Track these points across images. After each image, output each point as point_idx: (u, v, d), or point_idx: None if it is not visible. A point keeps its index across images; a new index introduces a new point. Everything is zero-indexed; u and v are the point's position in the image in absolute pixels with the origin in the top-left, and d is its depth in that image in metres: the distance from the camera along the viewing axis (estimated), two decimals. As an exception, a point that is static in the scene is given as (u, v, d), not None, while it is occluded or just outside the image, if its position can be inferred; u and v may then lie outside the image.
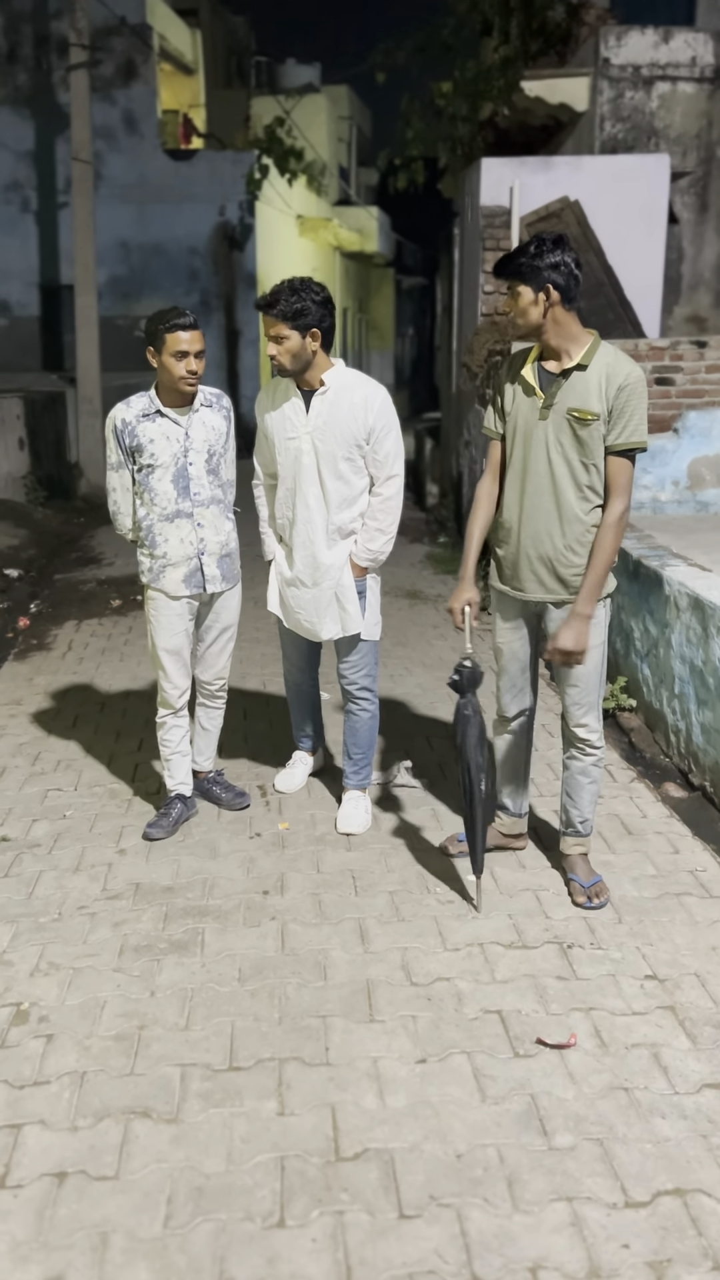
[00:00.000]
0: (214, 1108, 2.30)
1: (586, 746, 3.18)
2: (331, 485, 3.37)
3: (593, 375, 2.87)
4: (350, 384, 3.34)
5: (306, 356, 3.25)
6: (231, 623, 3.70)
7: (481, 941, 2.95)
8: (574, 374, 2.88)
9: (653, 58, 10.22)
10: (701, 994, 2.71)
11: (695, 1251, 1.94)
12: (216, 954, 2.88)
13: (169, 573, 3.47)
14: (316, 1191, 2.07)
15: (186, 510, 3.44)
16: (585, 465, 2.93)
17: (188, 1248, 1.95)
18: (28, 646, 6.10)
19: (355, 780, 3.75)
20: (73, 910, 3.14)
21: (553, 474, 2.95)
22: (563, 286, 2.83)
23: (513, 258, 2.87)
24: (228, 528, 3.57)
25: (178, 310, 3.27)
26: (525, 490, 3.01)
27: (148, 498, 3.44)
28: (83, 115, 11.77)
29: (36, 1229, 1.99)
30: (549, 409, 2.92)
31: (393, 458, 3.38)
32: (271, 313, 3.20)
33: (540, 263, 2.81)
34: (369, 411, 3.31)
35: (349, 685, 3.66)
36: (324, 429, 3.31)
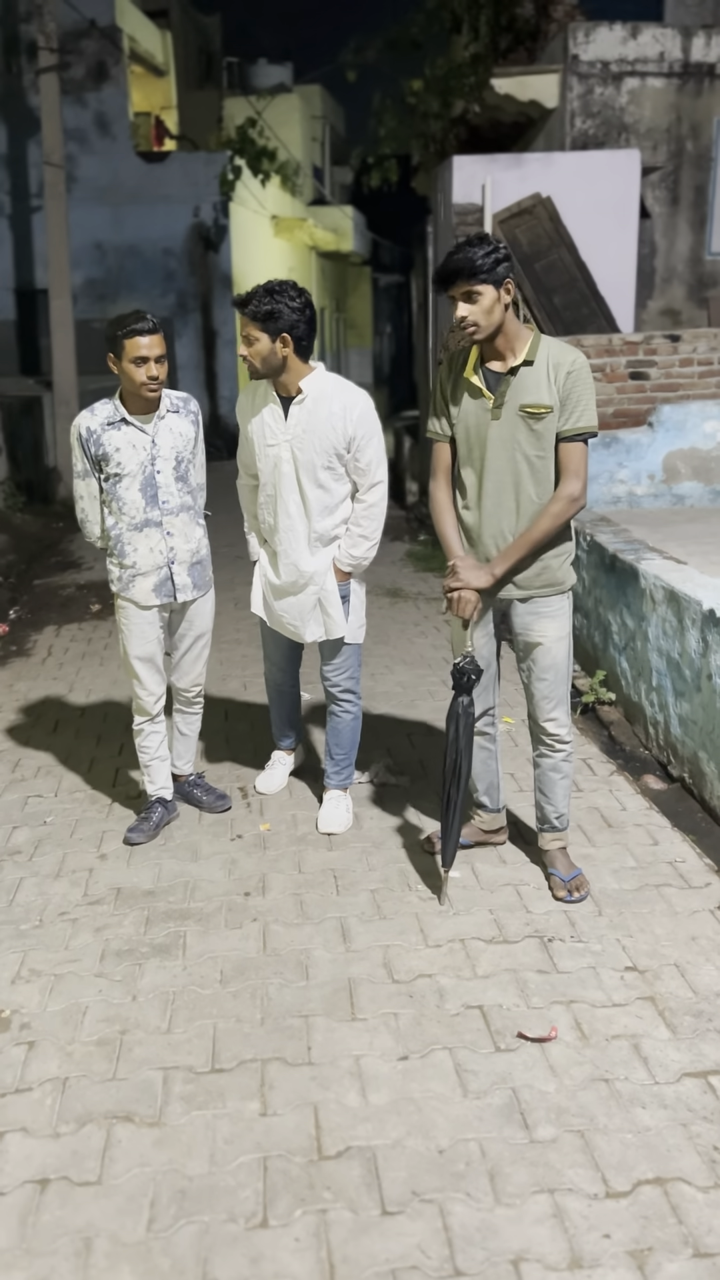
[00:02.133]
0: (196, 1110, 2.30)
1: (556, 742, 3.19)
2: (312, 494, 3.33)
3: (539, 369, 2.87)
4: (329, 392, 3.27)
5: (276, 361, 3.19)
6: (205, 629, 3.67)
7: (463, 937, 2.96)
8: (521, 370, 2.87)
9: (621, 53, 10.26)
10: (681, 984, 2.73)
11: (676, 1239, 1.96)
12: (198, 956, 2.89)
13: (139, 582, 3.43)
14: (299, 1190, 2.07)
15: (155, 519, 3.39)
16: (541, 459, 2.94)
17: (171, 1250, 1.95)
18: (7, 653, 6.07)
19: (337, 780, 3.75)
20: (54, 916, 3.13)
21: (511, 470, 2.95)
22: (513, 280, 2.82)
23: (469, 260, 2.75)
24: (198, 534, 3.52)
25: (137, 314, 3.20)
26: (484, 490, 3.00)
27: (116, 506, 3.37)
28: (54, 119, 11.72)
29: (19, 1236, 1.99)
30: (500, 408, 2.91)
31: (375, 465, 3.34)
32: (244, 311, 3.16)
33: (493, 261, 2.76)
34: (348, 420, 3.26)
35: (332, 687, 3.64)
36: (303, 438, 3.26)
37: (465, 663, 3.05)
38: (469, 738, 3.07)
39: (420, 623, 6.39)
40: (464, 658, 3.07)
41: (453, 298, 2.83)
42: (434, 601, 6.87)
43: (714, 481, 6.84)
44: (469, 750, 3.08)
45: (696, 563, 4.59)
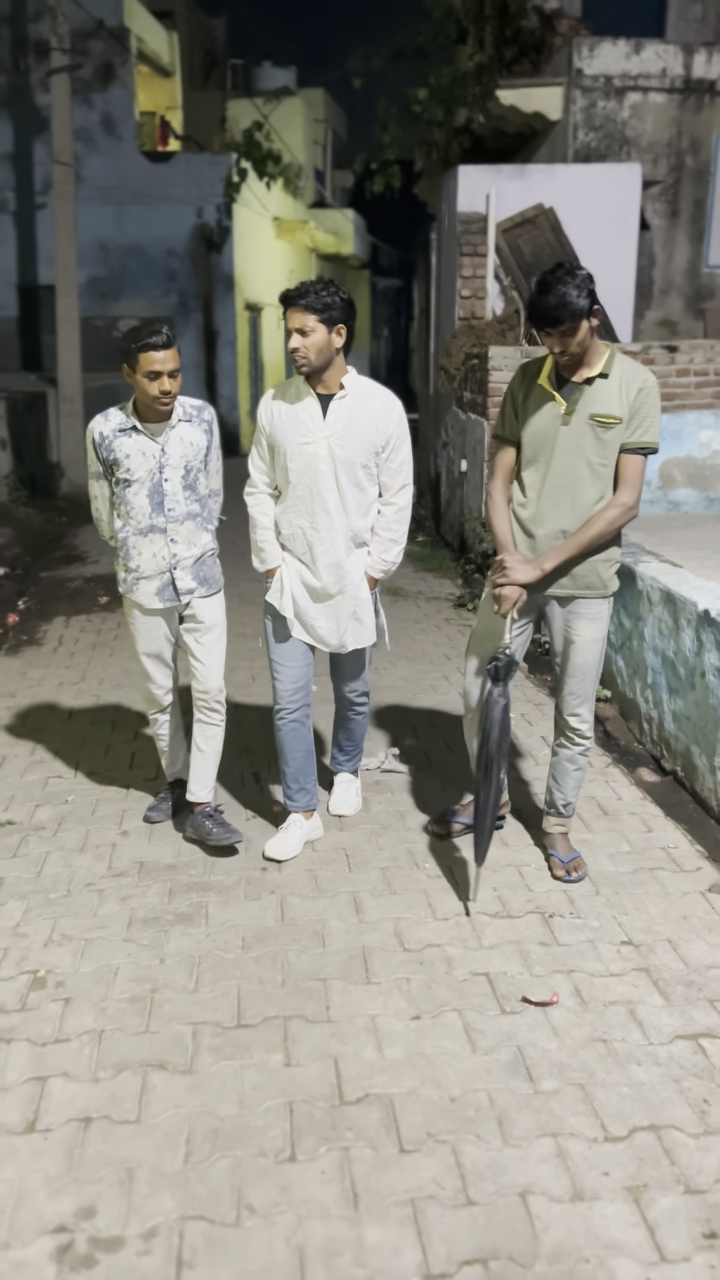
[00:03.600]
0: (225, 1060, 2.48)
1: (577, 736, 3.34)
2: (349, 492, 3.30)
3: (613, 382, 3.00)
4: (369, 391, 3.30)
5: (330, 353, 3.16)
6: (216, 624, 3.58)
7: (469, 913, 3.14)
8: (596, 381, 3.01)
9: (624, 68, 10.48)
10: (674, 957, 2.92)
11: (668, 1178, 2.14)
12: (220, 924, 3.06)
13: (142, 585, 3.46)
14: (323, 1131, 2.25)
15: (160, 526, 3.40)
16: (604, 466, 3.07)
17: (208, 1180, 2.13)
18: (18, 642, 6.23)
19: (347, 765, 3.87)
20: (80, 887, 3.31)
21: (574, 474, 3.07)
22: (598, 306, 2.92)
23: (564, 303, 2.85)
24: (204, 540, 3.49)
25: (151, 327, 3.19)
26: (545, 489, 3.13)
27: (123, 510, 3.40)
28: (64, 119, 11.86)
29: (67, 1166, 2.16)
30: (571, 414, 3.04)
31: (407, 466, 3.37)
32: (300, 304, 3.11)
33: (585, 295, 2.87)
34: (389, 420, 3.28)
35: (349, 693, 3.67)
36: (343, 435, 3.23)
37: (502, 656, 3.12)
38: (504, 729, 3.11)
39: (421, 620, 6.57)
40: (502, 650, 3.14)
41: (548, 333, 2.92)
42: (434, 600, 7.06)
43: (708, 489, 7.05)
44: (503, 740, 3.12)
45: (692, 566, 4.77)
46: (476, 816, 3.14)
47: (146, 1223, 2.03)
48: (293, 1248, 1.97)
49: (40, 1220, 2.04)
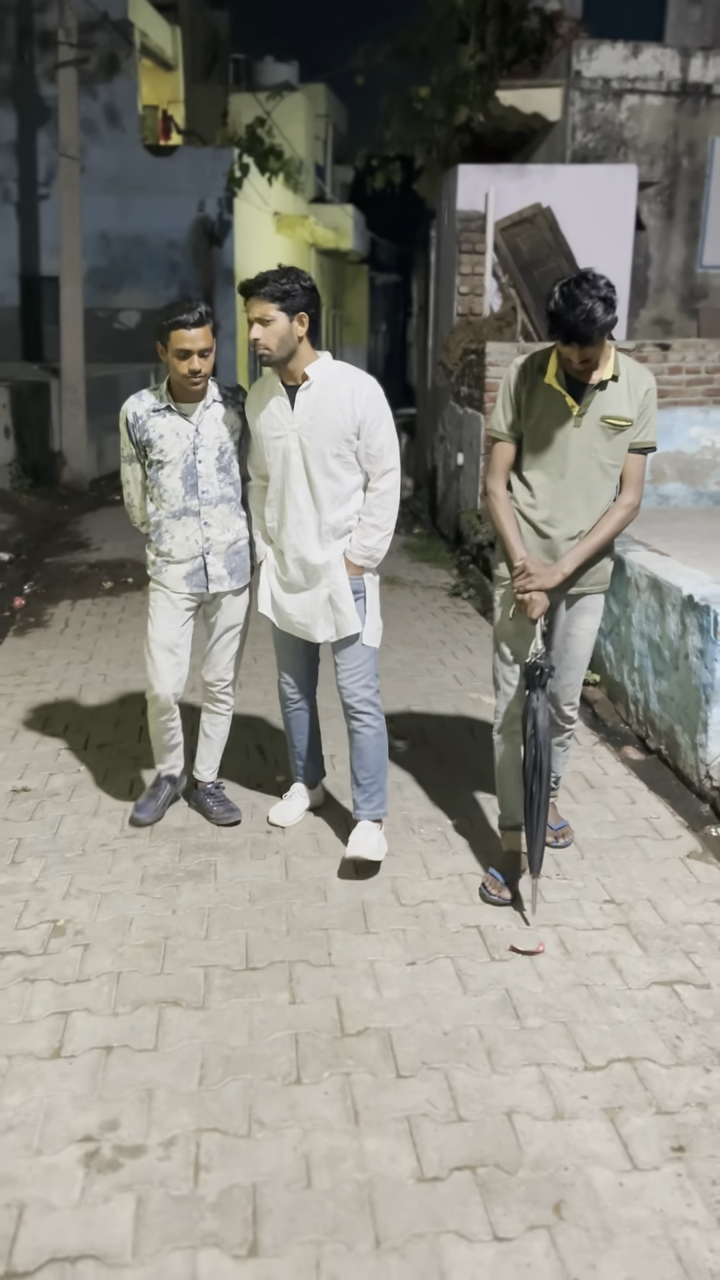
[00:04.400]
0: (235, 998, 2.68)
1: (568, 721, 3.49)
2: (321, 484, 3.20)
3: (622, 383, 3.03)
4: (335, 375, 3.18)
5: (292, 343, 3.09)
6: (237, 622, 3.56)
7: (461, 872, 3.35)
8: (609, 384, 3.01)
9: (622, 71, 10.66)
10: (653, 914, 3.12)
11: (641, 1101, 2.35)
12: (228, 881, 3.26)
13: (172, 569, 3.42)
14: (326, 1059, 2.46)
15: (194, 508, 3.36)
16: (614, 466, 3.11)
17: (221, 1099, 2.33)
18: (26, 624, 6.41)
19: (367, 810, 3.41)
20: (95, 847, 3.50)
21: (586, 477, 3.09)
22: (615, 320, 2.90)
23: (593, 319, 2.79)
24: (238, 525, 3.46)
25: (183, 305, 3.16)
26: (559, 491, 3.11)
27: (156, 493, 3.36)
28: (71, 112, 12.01)
29: (91, 1087, 2.36)
30: (583, 417, 3.03)
31: (387, 450, 3.22)
32: (259, 293, 3.06)
33: (611, 309, 2.83)
34: (356, 403, 3.14)
35: (349, 697, 3.38)
36: (310, 425, 3.14)
37: (540, 660, 3.07)
38: (547, 733, 3.07)
39: (417, 608, 6.77)
40: (536, 655, 3.08)
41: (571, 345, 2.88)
42: (430, 589, 7.26)
43: (697, 483, 7.26)
44: (548, 745, 3.09)
45: (679, 555, 4.97)
46: (529, 823, 3.06)
47: (166, 1134, 2.23)
48: (299, 1155, 2.17)
49: (69, 1131, 2.23)
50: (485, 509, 3.33)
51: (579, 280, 2.83)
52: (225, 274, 16.96)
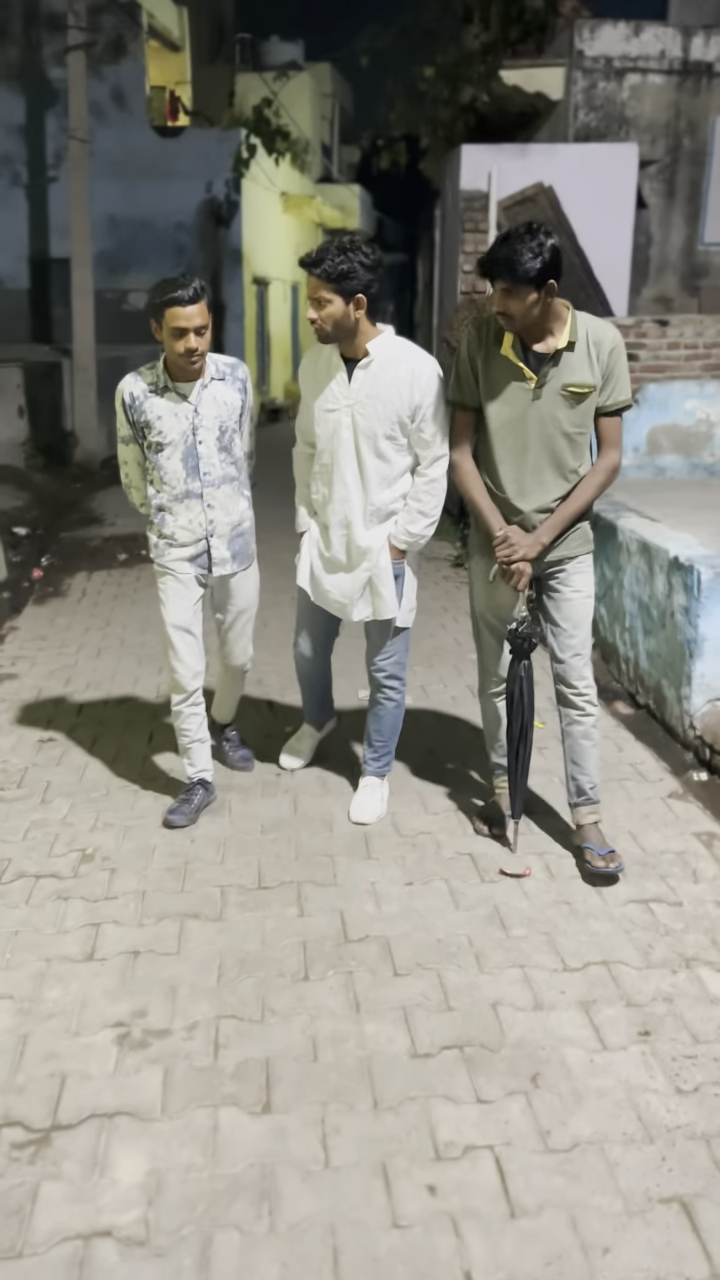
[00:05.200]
0: (249, 912, 2.96)
1: (586, 703, 3.22)
2: (371, 463, 3.13)
3: (580, 348, 2.88)
4: (396, 354, 3.09)
5: (349, 325, 3.02)
6: (249, 604, 3.55)
7: (456, 808, 3.62)
8: (564, 353, 2.89)
9: (624, 50, 10.80)
10: (633, 844, 3.39)
11: (613, 996, 2.62)
12: (242, 815, 3.54)
13: (175, 553, 3.34)
14: (331, 960, 2.74)
15: (196, 490, 3.27)
16: (581, 434, 2.99)
17: (237, 992, 2.61)
18: (45, 594, 6.69)
19: (374, 766, 3.60)
20: (118, 789, 3.78)
21: (552, 447, 2.98)
22: (559, 276, 2.77)
23: (512, 260, 2.70)
24: (241, 506, 3.39)
25: (176, 281, 3.02)
26: (526, 466, 3.01)
27: (157, 476, 3.27)
28: (80, 95, 12.19)
29: (121, 983, 2.65)
30: (542, 388, 2.91)
31: (440, 436, 3.15)
32: (315, 272, 2.95)
33: (538, 261, 2.70)
34: (415, 386, 3.06)
35: (378, 673, 3.46)
36: (365, 403, 3.08)
37: (524, 628, 3.09)
38: (532, 700, 3.16)
39: (420, 577, 6.92)
40: (520, 623, 3.11)
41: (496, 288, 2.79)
42: (432, 560, 7.50)
43: (692, 455, 7.48)
44: (532, 712, 3.18)
45: (669, 522, 5.21)
46: (512, 774, 3.22)
47: (189, 1020, 2.51)
48: (307, 1036, 2.45)
49: (102, 1018, 2.52)
50: (456, 481, 3.19)
51: (524, 226, 2.76)
52: (233, 254, 17.14)
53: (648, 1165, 2.09)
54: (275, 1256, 1.89)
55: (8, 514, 9.07)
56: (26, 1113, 2.23)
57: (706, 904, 3.03)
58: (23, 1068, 2.36)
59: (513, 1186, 2.04)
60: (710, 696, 4.22)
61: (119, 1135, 2.16)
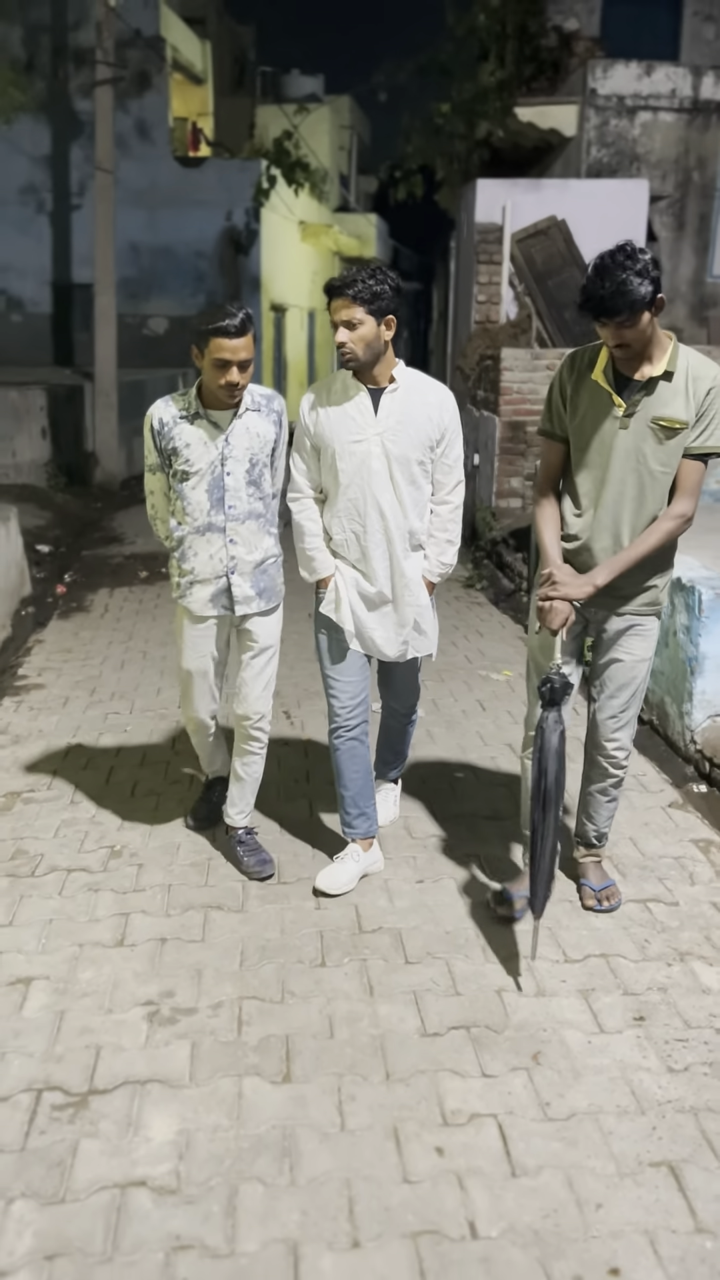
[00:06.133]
0: (269, 904, 3.15)
1: (613, 765, 3.08)
2: (405, 491, 3.07)
3: (678, 381, 2.70)
4: (421, 384, 3.09)
5: (379, 347, 2.96)
6: (269, 645, 3.29)
7: (465, 815, 3.80)
8: (660, 382, 2.71)
9: (636, 89, 11.11)
10: (633, 850, 3.56)
11: (611, 985, 2.79)
12: (262, 819, 3.73)
13: (195, 590, 3.18)
14: (346, 949, 2.92)
15: (219, 524, 3.12)
16: (665, 473, 2.78)
17: (259, 975, 2.80)
18: (68, 609, 6.91)
19: (389, 772, 3.70)
20: (144, 792, 3.97)
21: (633, 482, 2.80)
22: (661, 295, 2.61)
23: (624, 292, 2.52)
24: (267, 544, 3.21)
25: (224, 309, 2.89)
26: (602, 499, 2.84)
27: (180, 507, 3.14)
28: (106, 128, 12.55)
29: (150, 966, 2.83)
30: (630, 417, 2.74)
31: (460, 462, 3.17)
32: (348, 293, 2.89)
33: (649, 282, 2.55)
34: (444, 412, 3.07)
35: (401, 705, 3.48)
36: (396, 430, 3.02)
37: (555, 676, 2.81)
38: (560, 759, 2.78)
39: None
40: (553, 670, 2.83)
41: (603, 323, 2.62)
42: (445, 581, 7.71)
43: (698, 482, 7.67)
44: (561, 773, 2.78)
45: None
46: (533, 860, 2.77)
47: (214, 1000, 2.70)
48: (324, 1016, 2.64)
49: (133, 997, 2.71)
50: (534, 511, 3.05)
51: (615, 251, 2.57)
52: (251, 282, 17.50)
53: (639, 1134, 2.26)
54: (296, 1205, 2.06)
55: (31, 532, 9.32)
56: (65, 1079, 2.41)
57: (702, 904, 3.20)
58: (60, 1040, 2.54)
59: (514, 1150, 2.21)
60: (711, 712, 4.40)
61: (151, 1100, 2.34)
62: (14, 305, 17.50)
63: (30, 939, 2.97)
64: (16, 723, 4.70)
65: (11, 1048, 2.51)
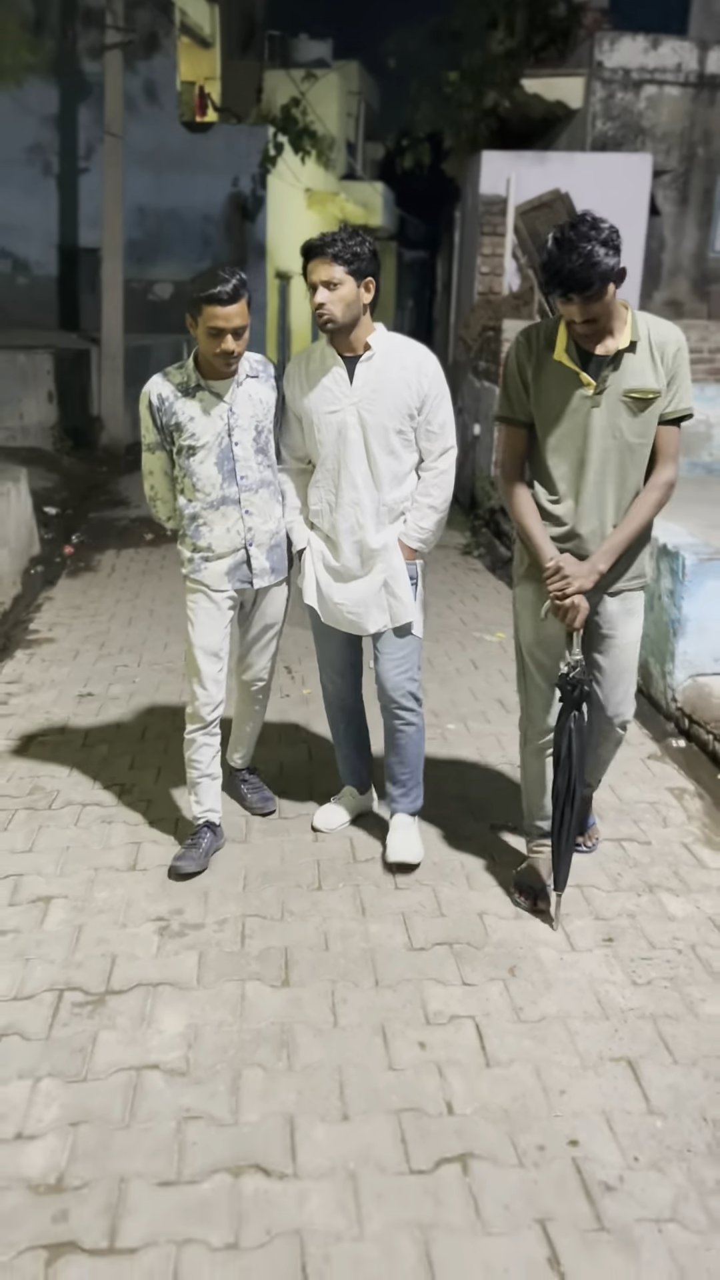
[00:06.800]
0: (270, 836, 3.40)
1: (621, 726, 3.11)
2: (382, 461, 2.99)
3: (643, 350, 2.64)
4: (398, 347, 3.00)
5: (358, 310, 2.90)
6: (277, 620, 3.32)
7: (455, 761, 4.04)
8: (625, 354, 2.65)
9: (642, 62, 11.17)
10: (612, 796, 3.80)
11: (584, 912, 3.04)
12: (264, 759, 3.96)
13: (212, 566, 3.11)
14: (341, 875, 3.17)
15: (233, 496, 3.05)
16: (643, 445, 2.72)
17: (260, 897, 3.05)
18: (77, 568, 7.13)
19: (404, 804, 3.34)
20: (153, 736, 4.21)
21: (614, 460, 2.72)
22: (622, 269, 2.52)
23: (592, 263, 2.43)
24: (278, 513, 3.18)
25: (217, 275, 2.83)
26: (584, 481, 2.75)
27: (189, 483, 3.05)
28: (116, 92, 12.62)
29: (161, 888, 3.08)
30: (601, 394, 2.67)
31: (448, 428, 3.05)
32: (328, 253, 2.84)
33: (614, 253, 2.47)
34: (422, 376, 2.97)
35: (392, 690, 3.20)
36: (372, 398, 2.95)
37: (576, 673, 2.79)
38: (581, 757, 2.83)
39: (430, 563, 7.31)
40: (573, 667, 2.80)
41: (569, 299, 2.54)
42: (442, 548, 7.91)
43: (692, 454, 7.86)
44: (582, 768, 2.85)
45: (663, 515, 5.61)
46: (556, 838, 2.89)
47: (219, 917, 2.95)
48: (320, 931, 2.89)
49: (145, 914, 2.96)
50: (506, 504, 2.97)
51: (575, 223, 2.49)
52: (257, 248, 17.55)
53: (602, 1035, 2.51)
54: (292, 1086, 2.32)
55: (39, 494, 9.49)
56: (85, 981, 2.66)
57: (673, 844, 3.45)
58: (79, 949, 2.79)
59: (489, 1045, 2.46)
60: (691, 672, 4.63)
61: (162, 1000, 2.59)
62: (20, 267, 17.54)
63: (49, 863, 3.22)
64: (30, 673, 4.93)
65: (35, 955, 2.76)
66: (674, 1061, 2.43)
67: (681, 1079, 2.37)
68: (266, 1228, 1.96)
